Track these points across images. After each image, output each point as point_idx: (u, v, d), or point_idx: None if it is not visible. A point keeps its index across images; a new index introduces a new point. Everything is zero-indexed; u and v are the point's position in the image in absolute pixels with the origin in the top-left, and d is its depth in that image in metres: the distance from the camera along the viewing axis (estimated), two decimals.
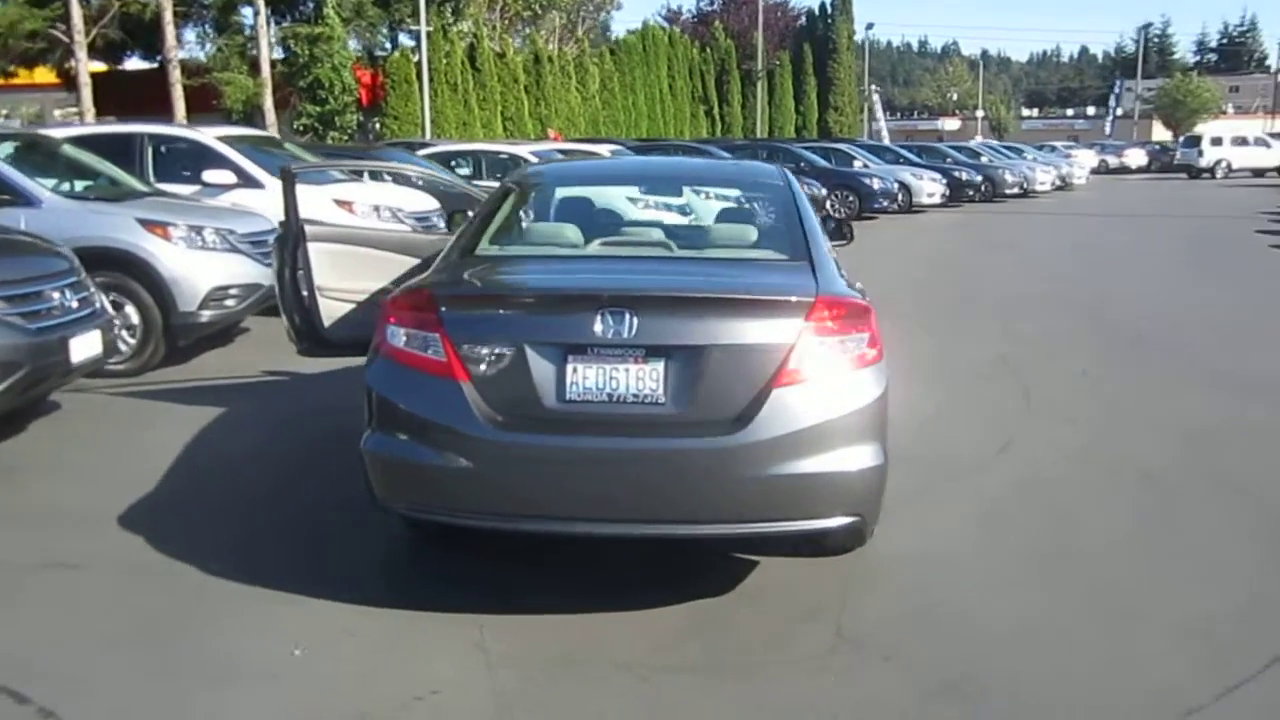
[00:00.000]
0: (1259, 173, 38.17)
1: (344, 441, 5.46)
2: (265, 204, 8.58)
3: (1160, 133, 66.56)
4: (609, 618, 3.57)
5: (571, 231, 4.16)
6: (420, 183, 10.54)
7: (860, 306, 3.50)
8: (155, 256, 7.04)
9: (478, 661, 3.29)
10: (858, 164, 23.00)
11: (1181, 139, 43.75)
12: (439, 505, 3.47)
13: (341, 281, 5.87)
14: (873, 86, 51.59)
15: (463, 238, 4.20)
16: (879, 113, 53.20)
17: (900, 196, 21.93)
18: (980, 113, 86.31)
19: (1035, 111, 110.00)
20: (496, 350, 3.38)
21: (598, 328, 3.33)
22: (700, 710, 3.06)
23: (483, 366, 3.38)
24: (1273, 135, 42.76)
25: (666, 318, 3.36)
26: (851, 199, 20.90)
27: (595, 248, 4.02)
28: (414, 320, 3.50)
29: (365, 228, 8.00)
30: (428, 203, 10.19)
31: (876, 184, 21.39)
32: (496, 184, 13.20)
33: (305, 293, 5.84)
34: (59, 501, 4.66)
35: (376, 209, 9.54)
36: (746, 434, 3.28)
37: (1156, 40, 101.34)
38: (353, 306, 5.92)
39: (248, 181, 9.27)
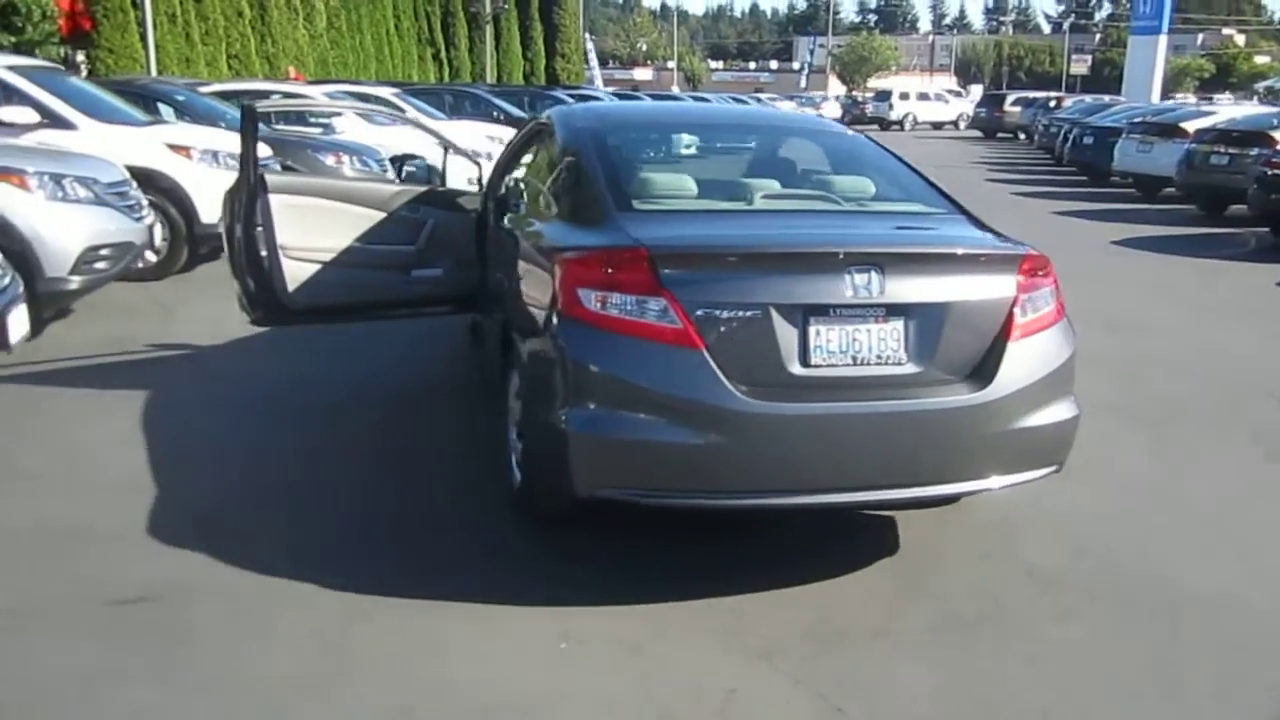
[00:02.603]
0: (938, 125, 42.34)
1: (354, 418, 4.90)
2: (80, 148, 7.27)
3: (835, 87, 71.92)
4: (824, 588, 3.42)
5: (699, 184, 3.84)
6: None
7: (1046, 260, 3.51)
8: (12, 211, 5.78)
9: (747, 649, 3.04)
10: None
11: (873, 94, 47.55)
12: (671, 486, 3.14)
13: (305, 239, 5.15)
14: (586, 34, 51.84)
15: (571, 191, 3.75)
16: (593, 61, 53.54)
17: None
18: (671, 64, 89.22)
19: (721, 64, 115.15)
20: (733, 314, 3.08)
21: (844, 287, 3.13)
22: (986, 670, 2.99)
23: (719, 332, 3.07)
24: (950, 91, 47.57)
25: (907, 275, 3.21)
26: None
27: (763, 201, 3.74)
28: (627, 283, 3.10)
29: (322, 177, 7.01)
30: (263, 149, 9.06)
31: None
32: (288, 128, 12.17)
33: (264, 252, 5.05)
34: (80, 520, 3.76)
35: (215, 155, 8.38)
36: (991, 390, 3.23)
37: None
38: (318, 267, 5.22)
39: (55, 121, 7.81)
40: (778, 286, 3.11)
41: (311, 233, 5.16)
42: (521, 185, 5.81)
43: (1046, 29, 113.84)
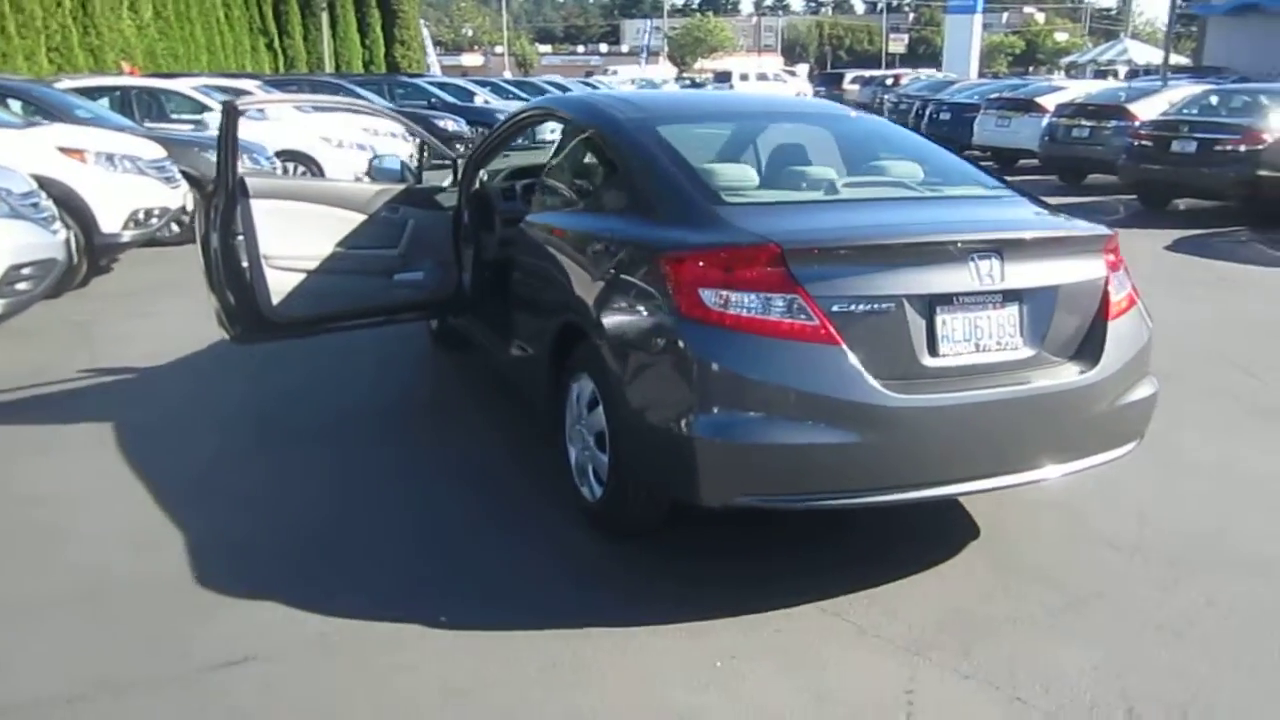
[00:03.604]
0: None
1: (346, 434, 4.56)
2: None
3: (667, 69, 72.69)
4: (929, 579, 3.40)
5: (768, 175, 3.73)
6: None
7: (1117, 240, 3.57)
8: None
9: (894, 648, 2.98)
10: (479, 99, 22.56)
11: (712, 75, 48.20)
12: (812, 489, 3.03)
13: (288, 246, 4.78)
14: (420, 21, 50.43)
15: (641, 186, 3.57)
16: (429, 48, 52.13)
17: None
18: (500, 49, 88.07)
19: (550, 48, 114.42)
20: (867, 307, 3.00)
21: (968, 274, 3.10)
22: (1132, 643, 3.03)
23: (854, 327, 2.98)
24: (787, 71, 48.73)
25: (1022, 260, 3.20)
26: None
27: (848, 191, 3.65)
28: (757, 281, 2.97)
29: (298, 179, 6.43)
30: (156, 150, 8.38)
31: None
32: (161, 125, 11.27)
33: (245, 264, 4.64)
34: (132, 573, 3.34)
35: (110, 158, 7.68)
36: (1100, 369, 3.27)
37: None
38: (302, 277, 4.84)
39: None
40: (908, 277, 3.04)
41: (294, 239, 4.76)
42: (519, 180, 5.56)
43: (861, 9, 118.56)
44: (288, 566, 3.43)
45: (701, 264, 3.04)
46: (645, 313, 3.23)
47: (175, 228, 8.81)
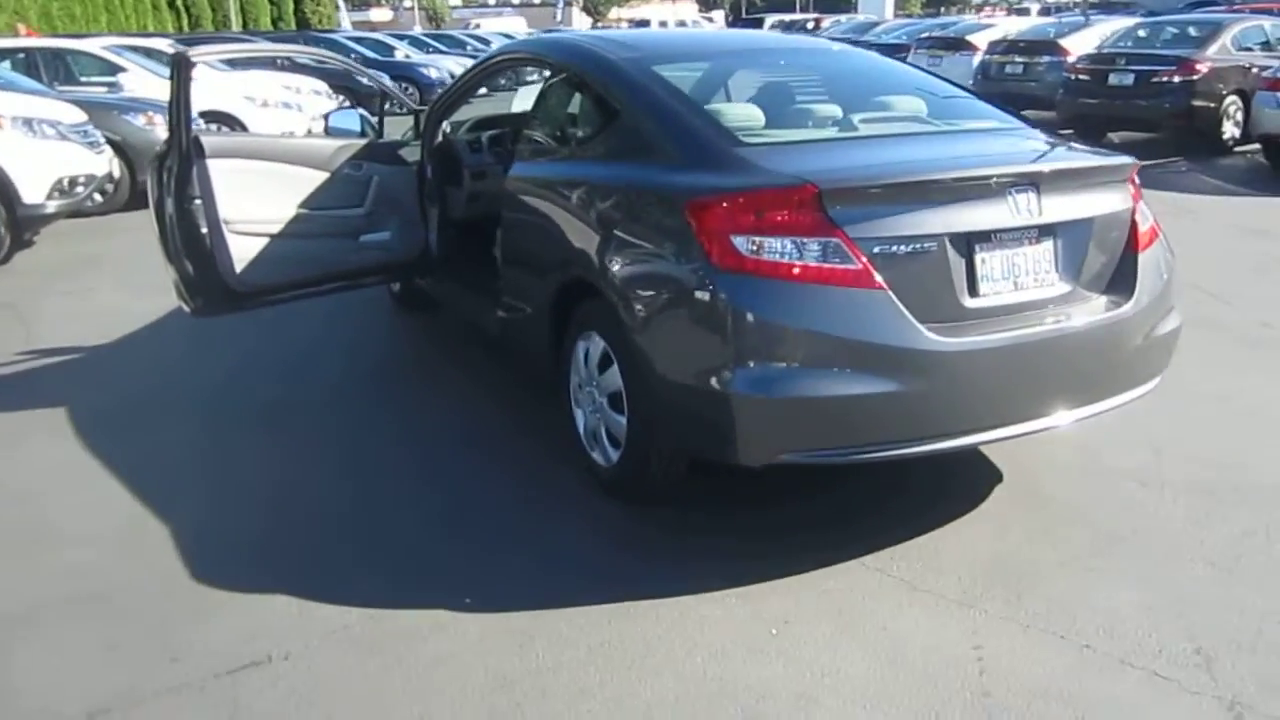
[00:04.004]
0: None
1: (332, 411, 4.31)
2: None
3: (580, 19, 71.51)
4: (963, 526, 3.32)
5: (778, 115, 3.54)
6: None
7: (1137, 170, 3.47)
8: None
9: (947, 601, 2.89)
10: (399, 54, 21.87)
11: (629, 23, 47.54)
12: (858, 441, 2.88)
13: (250, 210, 4.46)
14: None
15: (650, 130, 3.35)
16: (340, 2, 50.39)
17: None
18: (409, 2, 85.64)
19: (460, 1, 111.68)
20: (908, 248, 2.85)
21: (1007, 210, 2.97)
22: (1180, 579, 2.97)
23: (896, 269, 2.83)
24: (704, 17, 48.24)
25: (1057, 194, 3.08)
26: (411, 90, 19.89)
27: (866, 128, 3.47)
28: (795, 225, 2.79)
29: (254, 136, 5.96)
30: (77, 114, 7.84)
31: (433, 73, 20.60)
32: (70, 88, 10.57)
33: (204, 230, 4.32)
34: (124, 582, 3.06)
35: (29, 123, 7.16)
36: (1134, 302, 3.19)
37: None
38: (265, 242, 4.53)
39: None
40: (947, 215, 2.90)
41: (255, 201, 4.45)
42: (485, 131, 5.28)
43: None
44: (293, 555, 3.19)
45: (732, 209, 2.85)
46: (667, 264, 3.03)
47: (98, 197, 8.31)
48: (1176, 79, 11.31)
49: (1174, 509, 3.40)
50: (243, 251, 4.41)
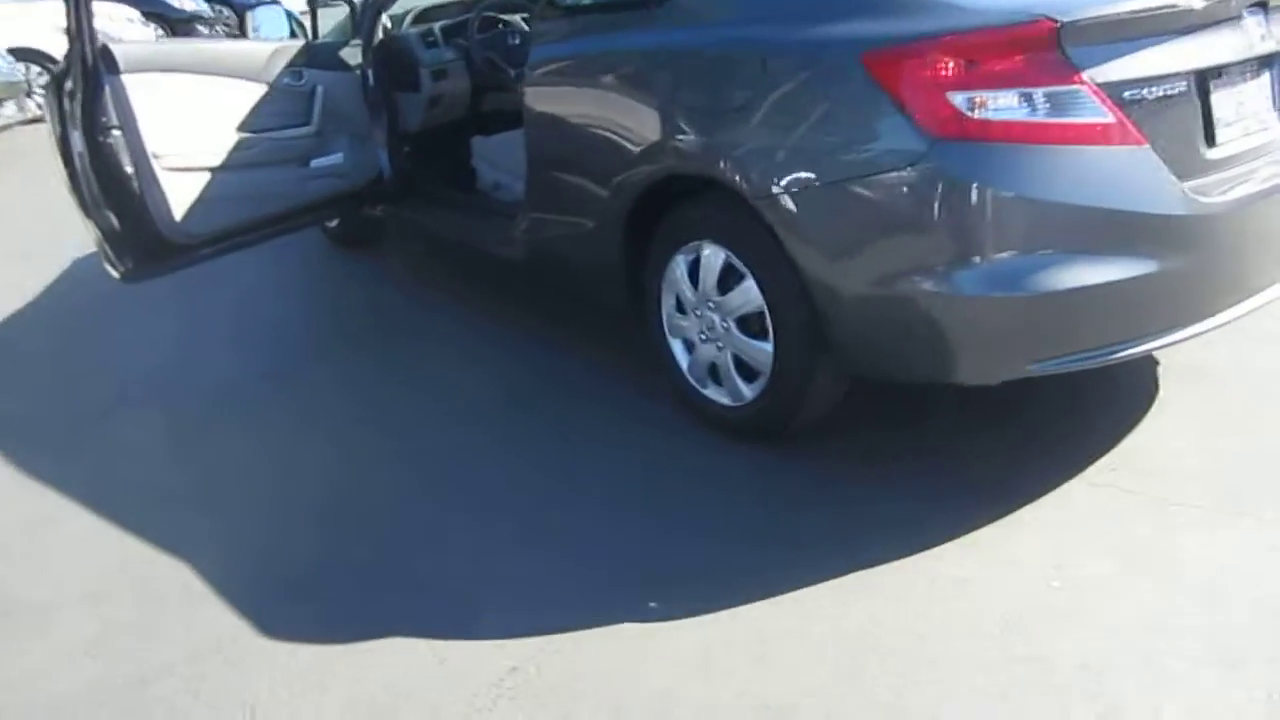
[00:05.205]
0: None
1: (356, 380, 3.50)
2: None
3: None
4: (1164, 425, 2.83)
5: None
6: None
7: None
8: None
9: (1212, 523, 2.38)
10: None
11: None
12: (1112, 339, 2.32)
13: (181, 139, 3.53)
14: None
15: None
16: None
17: None
18: None
19: None
20: (1155, 92, 2.29)
21: (1240, 39, 2.45)
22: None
23: (1148, 120, 2.27)
24: None
25: (1270, 22, 2.57)
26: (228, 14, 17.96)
27: None
28: (1021, 72, 2.18)
29: (172, 41, 4.70)
30: None
31: None
32: None
33: (129, 169, 3.36)
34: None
35: None
36: None
37: None
38: (206, 177, 3.61)
39: None
40: (1187, 48, 2.34)
41: (186, 127, 3.50)
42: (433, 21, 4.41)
43: None
44: (343, 575, 2.43)
45: (945, 57, 2.20)
46: (847, 138, 2.36)
47: None
48: None
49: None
50: (180, 193, 3.47)
